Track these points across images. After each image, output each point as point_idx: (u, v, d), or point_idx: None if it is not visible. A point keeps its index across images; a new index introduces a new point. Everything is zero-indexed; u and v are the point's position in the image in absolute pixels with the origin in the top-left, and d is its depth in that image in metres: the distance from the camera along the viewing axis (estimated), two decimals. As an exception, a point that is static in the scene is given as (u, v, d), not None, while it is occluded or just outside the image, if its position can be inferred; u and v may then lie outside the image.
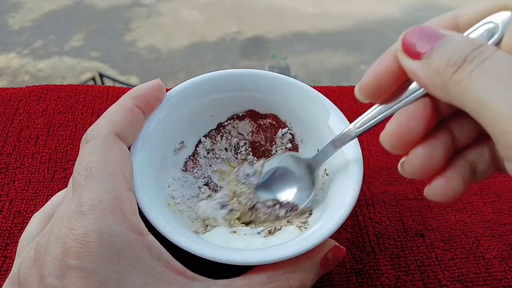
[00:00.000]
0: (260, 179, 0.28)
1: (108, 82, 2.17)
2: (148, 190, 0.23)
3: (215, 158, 0.31)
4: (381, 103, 0.20)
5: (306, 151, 0.30)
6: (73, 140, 0.37)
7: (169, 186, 0.28)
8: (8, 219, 0.32)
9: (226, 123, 0.31)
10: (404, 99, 0.19)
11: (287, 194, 0.28)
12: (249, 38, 2.60)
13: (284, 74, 0.29)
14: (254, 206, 0.28)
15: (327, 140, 0.28)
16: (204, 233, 0.26)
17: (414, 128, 0.18)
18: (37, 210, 0.25)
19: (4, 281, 0.28)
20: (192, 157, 0.30)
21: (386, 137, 0.19)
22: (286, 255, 0.21)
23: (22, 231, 0.24)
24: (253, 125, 0.31)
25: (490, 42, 0.17)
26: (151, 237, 0.20)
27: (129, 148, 0.24)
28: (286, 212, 0.27)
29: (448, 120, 0.19)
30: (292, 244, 0.22)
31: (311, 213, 0.27)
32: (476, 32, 0.17)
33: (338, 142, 0.24)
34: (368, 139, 0.39)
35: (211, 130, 0.31)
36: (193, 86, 0.28)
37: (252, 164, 0.29)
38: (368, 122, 0.22)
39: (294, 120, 0.30)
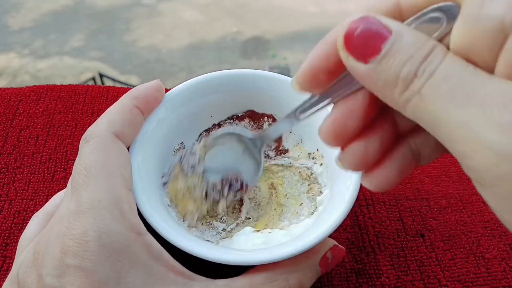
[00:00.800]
0: (206, 163, 0.27)
1: (108, 82, 2.17)
2: (147, 190, 0.23)
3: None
4: (320, 94, 0.19)
5: (306, 151, 0.30)
6: (73, 140, 0.37)
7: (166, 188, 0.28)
8: (8, 219, 0.32)
9: (224, 124, 0.31)
10: (343, 89, 0.17)
11: (235, 172, 0.27)
12: (249, 38, 2.60)
13: (284, 74, 0.29)
14: (206, 194, 0.27)
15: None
16: (231, 237, 0.26)
17: (350, 125, 0.17)
18: (37, 210, 0.25)
19: (4, 281, 0.28)
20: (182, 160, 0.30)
21: (322, 132, 0.18)
22: (285, 254, 0.21)
23: (22, 231, 0.24)
24: (252, 125, 0.31)
25: (436, 34, 0.15)
26: (150, 237, 0.20)
27: (128, 148, 0.24)
28: (236, 193, 0.27)
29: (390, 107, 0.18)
30: (291, 243, 0.22)
31: (315, 212, 0.27)
32: (420, 21, 0.16)
33: (279, 127, 0.24)
34: (368, 139, 0.39)
35: (207, 129, 0.31)
36: (193, 86, 0.28)
37: (193, 151, 0.27)
38: (310, 109, 0.20)
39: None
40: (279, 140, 0.31)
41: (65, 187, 0.33)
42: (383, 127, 0.17)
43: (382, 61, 0.14)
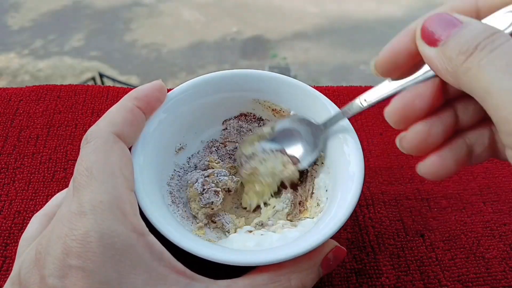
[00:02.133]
0: (271, 137, 0.29)
1: (108, 82, 2.17)
2: (148, 191, 0.23)
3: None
4: (393, 79, 0.21)
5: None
6: (73, 140, 0.37)
7: (169, 185, 0.28)
8: (8, 219, 0.32)
9: (227, 124, 0.31)
10: (415, 78, 0.20)
11: (292, 149, 0.29)
12: (249, 38, 2.60)
13: (284, 74, 0.29)
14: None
15: (327, 139, 0.28)
16: (226, 236, 0.26)
17: (418, 106, 0.19)
18: (37, 210, 0.25)
19: (4, 281, 0.28)
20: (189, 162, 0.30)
21: (390, 112, 0.19)
22: (287, 255, 0.21)
23: (22, 231, 0.24)
24: (255, 124, 0.31)
25: (507, 31, 0.17)
26: (152, 238, 0.20)
27: (130, 148, 0.24)
28: (290, 162, 0.28)
29: (455, 101, 0.20)
30: (293, 245, 0.22)
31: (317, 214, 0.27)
32: (494, 20, 0.18)
33: (347, 112, 0.25)
34: (368, 139, 0.39)
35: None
36: (194, 86, 0.28)
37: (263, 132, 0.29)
38: (378, 96, 0.22)
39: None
40: None
41: (65, 187, 0.33)
42: (445, 117, 0.19)
43: (449, 42, 0.16)
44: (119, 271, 0.18)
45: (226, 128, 0.31)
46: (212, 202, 0.27)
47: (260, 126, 0.31)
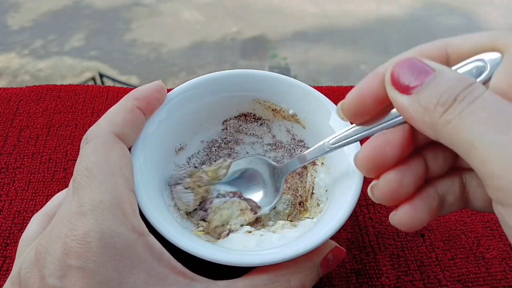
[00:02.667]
0: (226, 178, 0.28)
1: (108, 82, 2.17)
2: (148, 191, 0.23)
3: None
4: (360, 125, 0.20)
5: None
6: (73, 140, 0.37)
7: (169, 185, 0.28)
8: (8, 219, 0.32)
9: (227, 124, 0.31)
10: (384, 122, 0.19)
11: (252, 195, 0.28)
12: (249, 38, 2.60)
13: (284, 74, 0.29)
14: (209, 200, 0.28)
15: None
16: (225, 237, 0.26)
17: (389, 153, 0.18)
18: (37, 210, 0.25)
19: (4, 281, 0.28)
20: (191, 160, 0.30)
21: (359, 160, 0.19)
22: (287, 256, 0.21)
23: (22, 231, 0.24)
24: (254, 125, 0.31)
25: (478, 80, 0.17)
26: (151, 238, 0.20)
27: (129, 149, 0.24)
28: (249, 208, 0.27)
29: (424, 149, 0.19)
30: (293, 245, 0.22)
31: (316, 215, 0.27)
32: (465, 68, 0.17)
33: (309, 155, 0.25)
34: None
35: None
36: (194, 87, 0.28)
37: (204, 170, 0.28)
38: (344, 140, 0.22)
39: (294, 120, 0.30)
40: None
41: (65, 187, 0.33)
42: (416, 166, 0.18)
43: (424, 91, 0.16)
44: (119, 271, 0.18)
45: (226, 128, 0.31)
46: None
47: (261, 125, 0.31)
